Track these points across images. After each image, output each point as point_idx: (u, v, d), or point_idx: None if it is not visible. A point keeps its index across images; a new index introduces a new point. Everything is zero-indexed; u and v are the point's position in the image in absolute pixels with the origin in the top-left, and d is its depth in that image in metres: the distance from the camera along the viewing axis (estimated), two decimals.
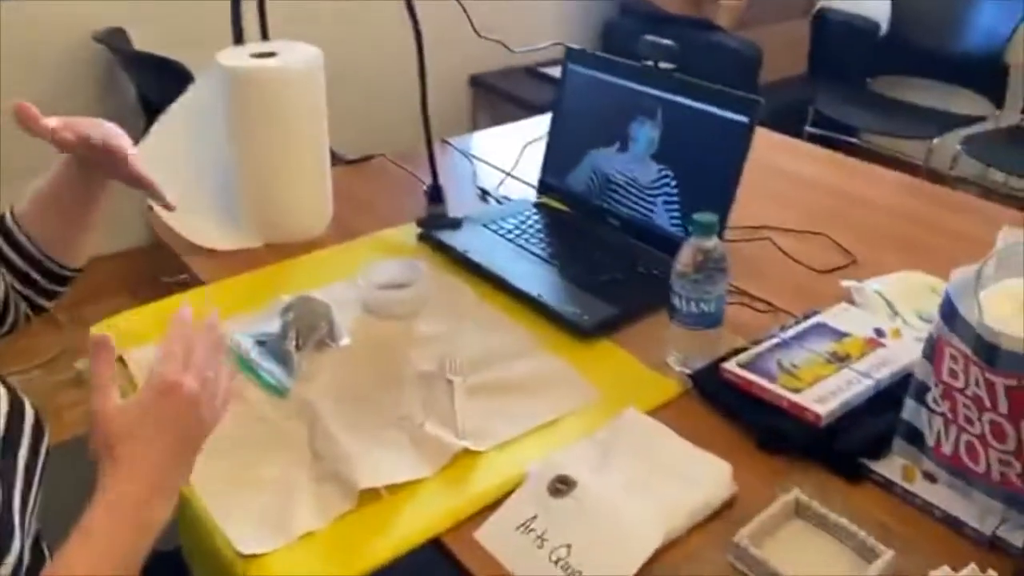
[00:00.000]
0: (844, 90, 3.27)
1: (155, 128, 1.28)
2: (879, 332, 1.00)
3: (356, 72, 2.95)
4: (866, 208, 1.47)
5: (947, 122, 3.01)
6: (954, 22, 3.12)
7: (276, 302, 1.11)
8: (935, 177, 2.97)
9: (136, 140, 1.02)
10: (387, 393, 0.98)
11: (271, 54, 1.25)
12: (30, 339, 2.48)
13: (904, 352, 0.96)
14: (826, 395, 0.89)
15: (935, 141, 2.94)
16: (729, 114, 1.15)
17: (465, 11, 1.24)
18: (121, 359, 1.03)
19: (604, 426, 0.90)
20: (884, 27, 3.30)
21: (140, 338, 1.07)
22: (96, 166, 0.95)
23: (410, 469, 0.86)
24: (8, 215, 0.97)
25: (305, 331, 1.04)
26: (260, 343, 1.04)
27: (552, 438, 0.91)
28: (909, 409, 0.81)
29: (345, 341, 1.05)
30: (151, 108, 2.34)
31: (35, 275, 0.97)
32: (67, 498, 0.91)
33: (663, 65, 1.23)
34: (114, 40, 2.37)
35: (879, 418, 0.87)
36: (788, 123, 2.48)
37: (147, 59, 2.22)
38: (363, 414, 0.94)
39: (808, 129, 3.14)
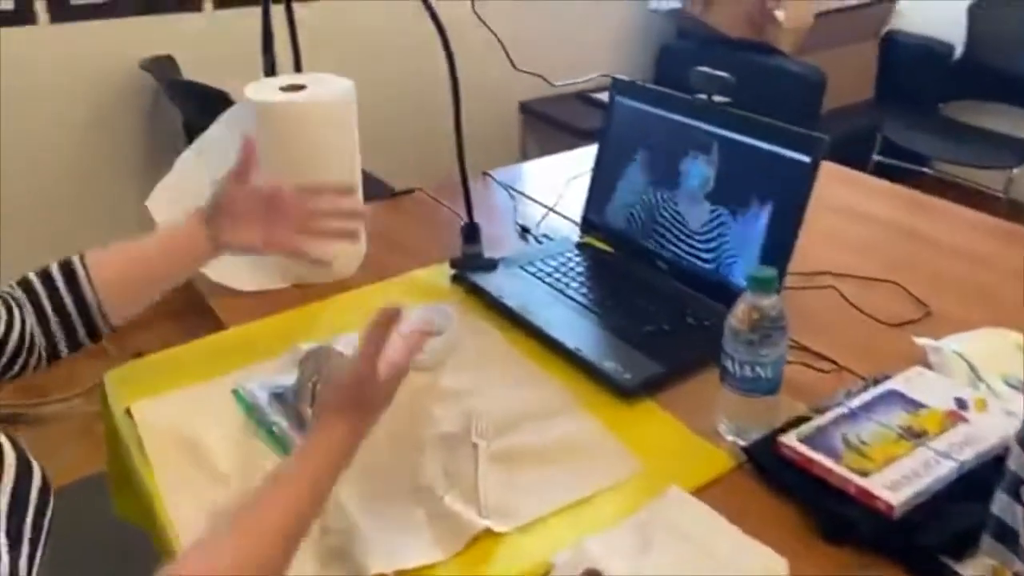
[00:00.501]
0: (914, 116, 3.12)
1: (179, 162, 1.24)
2: (961, 403, 0.88)
3: (402, 102, 2.91)
4: (941, 251, 1.34)
5: None
6: None
7: (296, 349, 1.04)
8: (1016, 209, 2.80)
9: None
10: (406, 458, 0.89)
11: (301, 87, 1.19)
12: (72, 366, 2.49)
13: (991, 428, 0.84)
14: (900, 480, 0.78)
15: (1015, 171, 2.75)
16: (790, 153, 1.05)
17: (503, 45, 1.17)
18: (128, 411, 0.98)
19: (644, 507, 0.80)
20: (959, 49, 3.14)
21: (147, 390, 1.01)
22: (230, 231, 0.99)
23: (424, 552, 0.77)
24: (77, 257, 0.94)
25: (322, 385, 0.97)
26: (275, 395, 0.98)
27: (584, 518, 0.81)
28: (1000, 503, 0.70)
29: None
30: (196, 137, 2.32)
31: (78, 323, 0.93)
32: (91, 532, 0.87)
33: (717, 98, 1.13)
34: (161, 68, 2.37)
35: (964, 509, 0.75)
36: (853, 151, 2.35)
37: (193, 87, 2.21)
38: (378, 482, 0.86)
39: (875, 158, 2.99)
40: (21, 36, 2.31)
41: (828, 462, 0.80)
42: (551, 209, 1.46)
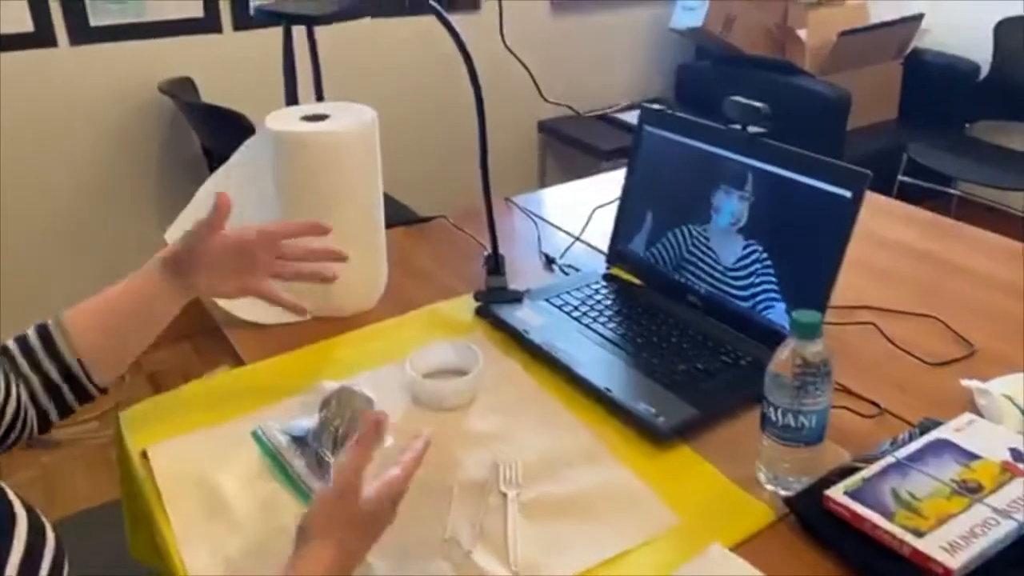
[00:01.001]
0: (939, 136, 3.06)
1: (198, 195, 1.21)
2: (1017, 454, 0.84)
3: (421, 124, 2.89)
4: (977, 282, 1.29)
5: None
6: None
7: (317, 388, 1.01)
8: None
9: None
10: (431, 507, 0.86)
11: (323, 116, 1.17)
12: None
13: None
14: (956, 541, 0.73)
15: None
16: (830, 187, 1.01)
17: (533, 79, 1.14)
18: (144, 454, 0.94)
19: (684, 565, 0.76)
20: (985, 69, 3.09)
21: (163, 431, 0.98)
22: (205, 281, 0.97)
23: None
24: (52, 322, 0.90)
25: (345, 428, 0.93)
26: (296, 438, 0.94)
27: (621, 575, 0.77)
28: None
29: (389, 442, 0.94)
30: (214, 160, 2.31)
31: (65, 389, 0.90)
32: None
33: (752, 129, 1.09)
34: (180, 90, 2.36)
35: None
36: (878, 172, 2.27)
37: (211, 110, 2.19)
38: (403, 534, 0.82)
39: (901, 178, 2.93)
40: (41, 58, 2.30)
41: (879, 520, 0.76)
42: (577, 238, 1.43)
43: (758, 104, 1.06)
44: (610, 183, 1.69)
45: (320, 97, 1.34)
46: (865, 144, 2.97)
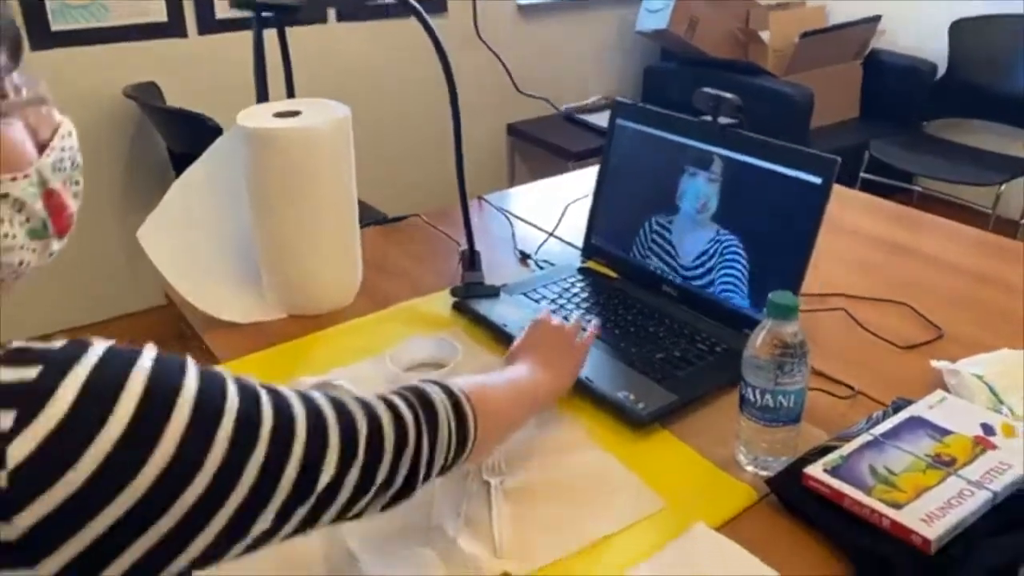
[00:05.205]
0: (899, 134, 3.13)
1: (170, 194, 1.20)
2: (988, 428, 0.86)
3: (395, 127, 2.89)
4: (944, 270, 1.32)
5: (1012, 167, 2.84)
6: (1017, 62, 2.97)
7: (296, 383, 1.00)
8: (1005, 226, 2.81)
9: None
10: (416, 497, 0.85)
11: (296, 113, 1.16)
12: None
13: (1020, 455, 0.81)
14: (934, 512, 0.75)
15: (1003, 187, 2.77)
16: (801, 174, 1.03)
17: (508, 72, 1.15)
18: None
19: (669, 545, 0.77)
20: (941, 68, 3.16)
21: None
22: None
23: None
24: None
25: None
26: None
27: (606, 558, 0.77)
28: None
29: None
30: (181, 164, 2.28)
31: None
32: None
33: (723, 120, 1.11)
34: (145, 95, 2.33)
35: (999, 541, 0.73)
36: (842, 169, 2.34)
37: (177, 114, 2.17)
38: (388, 523, 0.82)
39: (863, 175, 2.99)
40: None
41: (858, 494, 0.77)
42: (551, 234, 1.44)
43: (728, 95, 1.08)
44: (581, 180, 1.70)
45: (292, 96, 1.33)
46: (828, 142, 3.02)
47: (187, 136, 2.16)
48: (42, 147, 0.60)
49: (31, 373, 0.48)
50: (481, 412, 0.75)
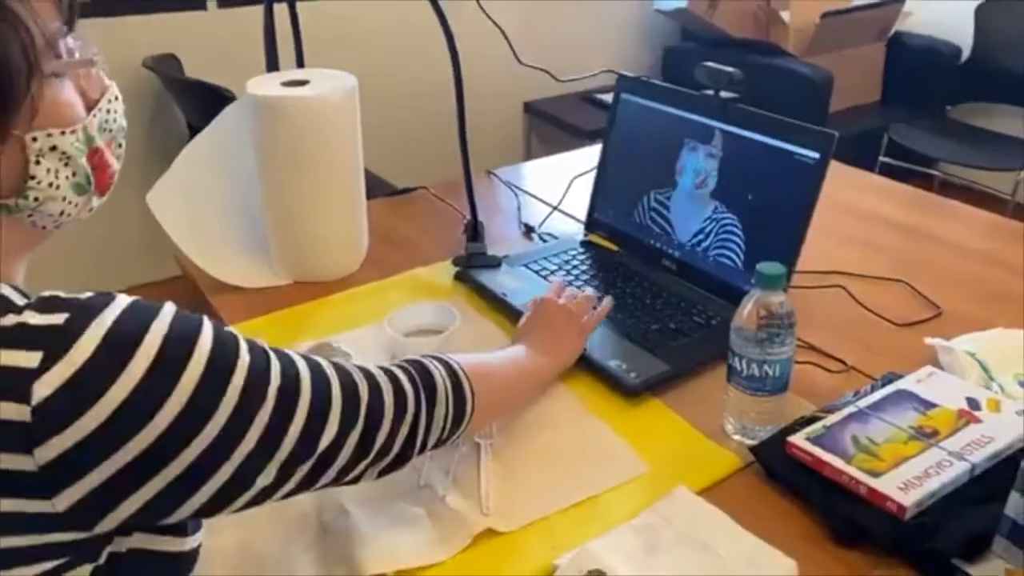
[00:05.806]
0: (921, 118, 3.09)
1: (179, 160, 1.22)
2: (973, 403, 0.86)
3: (405, 101, 2.90)
4: (951, 251, 1.32)
5: None
6: None
7: (296, 347, 1.02)
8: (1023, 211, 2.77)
9: None
10: None
11: (304, 82, 1.18)
12: None
13: (1005, 429, 0.82)
14: (911, 481, 0.76)
15: (1023, 174, 2.73)
16: (799, 149, 1.03)
17: (507, 39, 1.15)
18: None
19: (650, 507, 0.78)
20: (966, 51, 3.12)
21: None
22: None
23: (425, 552, 0.75)
24: None
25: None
26: None
27: (589, 519, 0.79)
28: (1014, 504, 0.68)
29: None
30: None
31: None
32: None
33: (725, 94, 1.11)
34: (164, 66, 2.36)
35: (976, 511, 0.74)
36: (860, 153, 2.33)
37: (196, 85, 2.20)
38: (380, 482, 0.84)
39: (882, 159, 2.96)
40: None
41: (838, 462, 0.79)
42: (555, 208, 1.45)
43: (729, 68, 1.08)
44: (589, 155, 1.71)
45: (301, 66, 1.35)
46: (847, 125, 2.99)
47: (206, 108, 2.18)
48: (90, 107, 0.64)
49: (59, 319, 0.51)
50: (480, 390, 0.78)
